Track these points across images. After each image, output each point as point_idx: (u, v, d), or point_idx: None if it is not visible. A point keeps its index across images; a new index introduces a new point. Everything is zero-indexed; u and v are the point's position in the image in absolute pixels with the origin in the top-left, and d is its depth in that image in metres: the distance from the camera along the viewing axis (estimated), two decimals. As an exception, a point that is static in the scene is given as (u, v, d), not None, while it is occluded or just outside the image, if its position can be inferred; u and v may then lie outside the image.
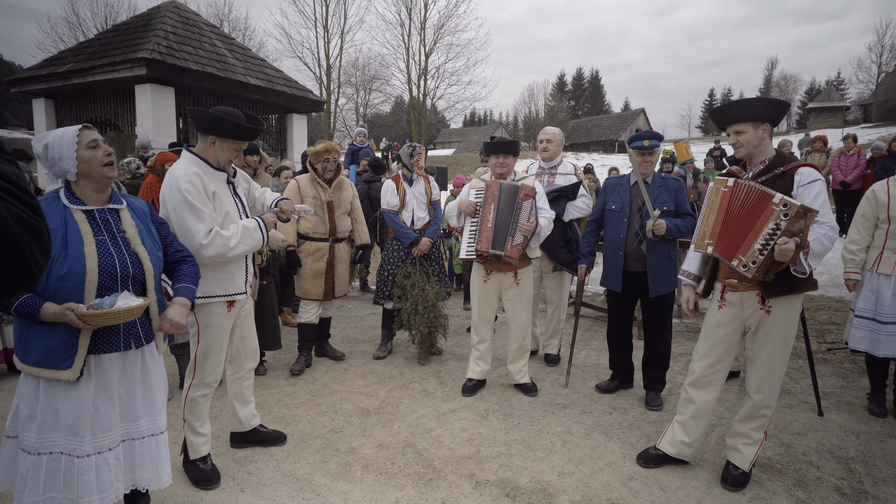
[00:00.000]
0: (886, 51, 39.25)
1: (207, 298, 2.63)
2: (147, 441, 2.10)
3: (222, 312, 2.70)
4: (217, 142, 2.61)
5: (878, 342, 3.45)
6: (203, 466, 2.76)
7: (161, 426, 2.17)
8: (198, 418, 2.75)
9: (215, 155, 2.63)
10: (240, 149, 2.68)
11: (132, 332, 2.06)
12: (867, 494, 2.67)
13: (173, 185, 2.48)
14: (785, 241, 2.29)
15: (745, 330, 2.69)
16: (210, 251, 2.50)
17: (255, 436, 3.12)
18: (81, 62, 10.21)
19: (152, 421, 2.13)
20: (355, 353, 4.84)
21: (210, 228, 2.50)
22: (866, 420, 3.50)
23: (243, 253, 2.62)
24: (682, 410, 2.88)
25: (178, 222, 2.47)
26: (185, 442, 2.77)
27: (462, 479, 2.80)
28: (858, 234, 3.58)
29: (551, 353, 4.59)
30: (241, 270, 2.74)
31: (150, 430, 2.12)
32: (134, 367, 2.08)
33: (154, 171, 5.26)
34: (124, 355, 2.05)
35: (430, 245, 4.46)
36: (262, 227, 2.68)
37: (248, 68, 11.60)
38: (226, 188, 2.69)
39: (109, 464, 1.98)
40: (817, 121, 41.53)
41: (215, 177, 2.63)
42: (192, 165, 2.57)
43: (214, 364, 2.73)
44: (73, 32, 24.49)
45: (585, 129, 47.53)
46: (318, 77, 29.46)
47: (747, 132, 2.56)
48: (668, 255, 3.57)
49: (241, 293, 2.75)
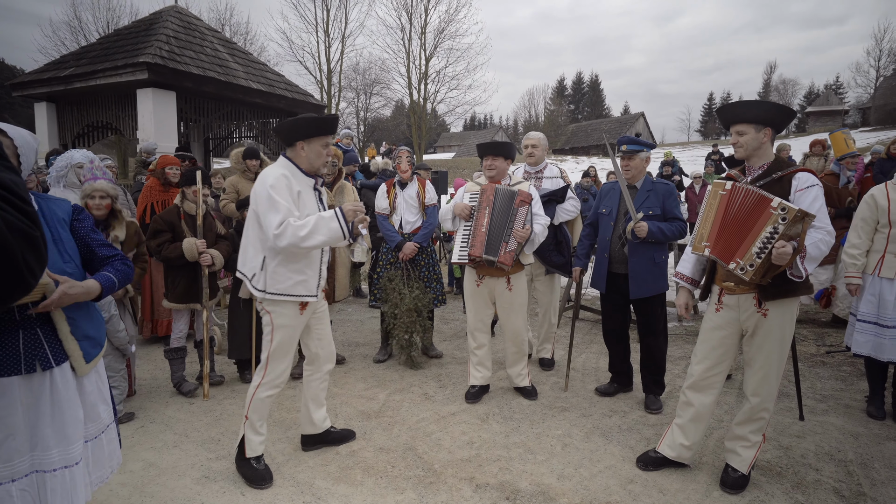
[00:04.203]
0: (885, 55, 39.46)
1: (280, 296, 2.71)
2: (59, 474, 1.86)
3: (294, 314, 2.79)
4: (304, 145, 2.74)
5: (882, 346, 3.45)
6: (257, 466, 2.82)
7: (75, 457, 1.91)
8: (260, 417, 2.82)
9: (307, 158, 2.76)
10: (327, 144, 2.80)
11: (37, 353, 1.81)
12: (866, 497, 2.68)
13: (264, 183, 2.64)
14: (782, 245, 2.31)
15: (742, 333, 2.71)
16: (282, 241, 2.57)
17: (327, 437, 3.15)
18: (83, 66, 10.25)
19: (65, 451, 1.88)
20: (355, 356, 4.85)
21: (283, 220, 2.57)
22: (865, 423, 3.51)
23: (320, 244, 2.64)
24: (682, 413, 2.89)
25: (261, 216, 2.63)
26: (244, 439, 2.82)
27: (462, 482, 2.81)
28: (859, 237, 3.59)
29: (546, 357, 4.59)
30: (314, 272, 2.81)
31: (63, 462, 1.87)
32: (41, 392, 1.84)
33: (155, 174, 5.29)
34: (29, 378, 1.80)
35: (416, 249, 4.44)
36: (339, 217, 2.64)
37: (249, 72, 11.64)
38: (311, 193, 2.81)
39: (13, 495, 1.76)
40: (816, 124, 41.58)
41: (303, 181, 2.77)
42: (283, 168, 2.72)
43: (285, 365, 2.82)
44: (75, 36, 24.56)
45: (585, 133, 47.57)
46: (319, 81, 29.53)
47: (748, 133, 2.58)
48: (652, 259, 3.59)
49: (313, 296, 2.81)
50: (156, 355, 4.70)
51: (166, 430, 3.39)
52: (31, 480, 1.81)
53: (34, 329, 1.82)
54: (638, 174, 3.70)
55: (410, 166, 4.54)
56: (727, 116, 2.65)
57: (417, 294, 4.42)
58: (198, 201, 3.87)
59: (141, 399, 3.82)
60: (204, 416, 3.60)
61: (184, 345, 3.99)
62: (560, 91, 63.04)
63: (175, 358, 3.94)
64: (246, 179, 5.73)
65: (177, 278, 3.89)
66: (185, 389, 3.90)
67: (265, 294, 2.71)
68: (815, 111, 44.02)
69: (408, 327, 4.41)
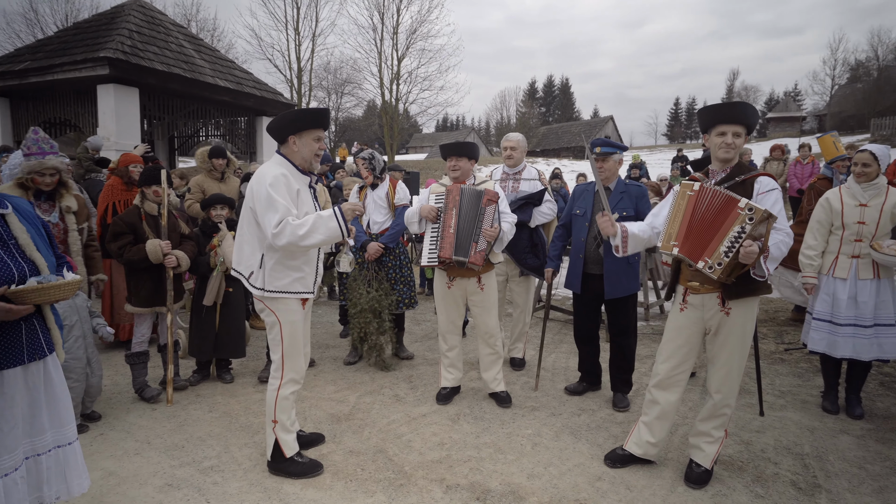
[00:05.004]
0: (839, 65, 41.19)
1: (283, 294, 2.74)
2: (53, 454, 1.97)
3: (298, 308, 2.82)
4: (296, 140, 2.74)
5: (836, 343, 3.59)
6: (302, 460, 2.87)
7: (70, 436, 2.03)
8: (288, 416, 2.85)
9: (299, 153, 2.76)
10: (319, 138, 2.78)
11: (35, 343, 1.91)
12: (821, 488, 2.78)
13: (262, 181, 2.64)
14: (750, 244, 2.39)
15: (705, 331, 2.78)
16: (281, 240, 2.58)
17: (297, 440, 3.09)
18: (40, 60, 9.87)
19: (59, 433, 1.99)
20: (325, 358, 4.79)
21: (282, 219, 2.57)
22: (820, 417, 3.64)
23: (319, 243, 2.66)
24: (648, 411, 2.95)
25: (260, 215, 2.64)
26: (277, 443, 2.82)
27: (433, 483, 2.80)
28: (815, 239, 3.72)
29: (517, 356, 4.62)
30: (311, 269, 2.84)
31: (57, 442, 1.99)
32: (37, 381, 1.94)
33: (116, 172, 5.11)
34: (27, 369, 1.90)
35: (380, 250, 4.41)
36: (338, 216, 2.65)
37: (216, 70, 11.39)
38: (307, 191, 2.82)
39: (17, 484, 1.86)
40: (776, 130, 43.17)
41: (300, 179, 2.78)
42: (280, 167, 2.73)
43: (300, 359, 2.86)
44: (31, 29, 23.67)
45: (556, 136, 48.23)
46: (289, 80, 29.14)
47: (742, 136, 2.64)
48: (627, 260, 3.65)
49: (310, 292, 2.84)
50: (117, 360, 4.54)
51: (127, 437, 3.28)
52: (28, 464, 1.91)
53: (31, 320, 1.90)
54: (612, 176, 3.75)
55: (370, 172, 4.47)
56: (735, 114, 2.61)
57: (375, 295, 4.37)
58: (163, 200, 3.76)
59: (101, 405, 3.68)
60: (167, 421, 3.50)
61: (146, 349, 3.86)
62: (531, 94, 63.73)
63: (136, 363, 3.81)
64: (212, 179, 5.61)
65: (140, 281, 3.76)
66: (148, 395, 3.78)
67: (264, 292, 2.73)
68: (775, 117, 45.71)
69: (362, 328, 4.38)
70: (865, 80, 38.84)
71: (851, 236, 3.55)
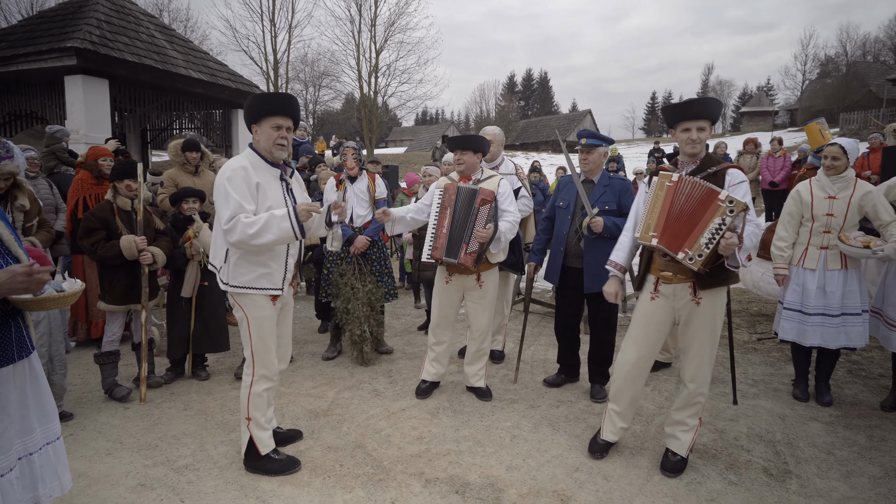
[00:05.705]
0: (810, 60, 42.20)
1: (248, 289, 2.68)
2: (44, 451, 1.97)
3: (267, 304, 2.74)
4: (256, 129, 2.67)
5: (805, 332, 3.68)
6: (278, 457, 2.83)
7: (56, 432, 2.03)
8: (263, 413, 2.80)
9: (260, 142, 2.68)
10: (279, 126, 2.65)
11: (21, 341, 1.89)
12: (791, 474, 2.86)
13: (222, 174, 2.60)
14: (731, 236, 2.42)
15: (675, 321, 2.82)
16: (231, 237, 2.53)
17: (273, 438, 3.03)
18: (3, 50, 9.50)
19: (46, 429, 1.98)
20: (303, 354, 4.74)
21: (233, 214, 2.52)
22: (791, 405, 3.74)
23: (271, 243, 2.58)
24: (618, 400, 2.98)
25: (217, 209, 2.62)
26: (251, 441, 2.77)
27: (412, 477, 2.80)
28: (786, 231, 3.80)
29: (496, 349, 4.63)
30: (279, 266, 2.74)
31: (46, 439, 1.98)
32: (24, 379, 1.91)
33: (85, 166, 4.97)
34: (15, 367, 1.87)
35: (367, 243, 4.39)
36: (291, 217, 2.55)
37: (189, 61, 11.13)
38: (277, 184, 2.72)
39: (13, 485, 1.85)
40: (749, 124, 44.00)
41: (267, 172, 2.70)
42: (244, 160, 2.66)
43: (273, 355, 2.78)
44: (-7, 18, 22.77)
45: (535, 129, 48.37)
46: (265, 72, 28.62)
47: (706, 130, 2.68)
48: (607, 254, 3.66)
49: (278, 289, 2.74)
50: (88, 358, 4.43)
51: (98, 437, 3.21)
52: (21, 465, 1.89)
53: (17, 318, 1.90)
54: (596, 168, 3.74)
55: (357, 163, 4.45)
56: (696, 111, 2.64)
57: (370, 288, 4.36)
58: (139, 195, 3.66)
59: (72, 405, 3.59)
60: (140, 421, 3.42)
61: (116, 349, 3.76)
62: (511, 87, 63.82)
63: (106, 363, 3.71)
64: (185, 172, 5.48)
65: (114, 279, 3.67)
66: (118, 395, 3.69)
67: (229, 287, 2.69)
68: (748, 111, 46.54)
69: (362, 322, 4.34)
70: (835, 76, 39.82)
71: (820, 228, 3.64)
